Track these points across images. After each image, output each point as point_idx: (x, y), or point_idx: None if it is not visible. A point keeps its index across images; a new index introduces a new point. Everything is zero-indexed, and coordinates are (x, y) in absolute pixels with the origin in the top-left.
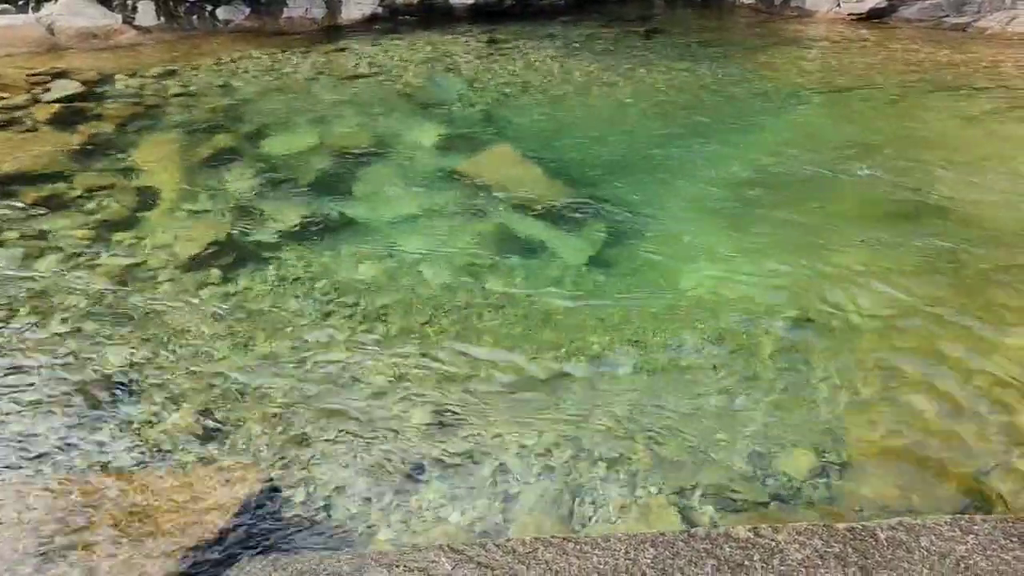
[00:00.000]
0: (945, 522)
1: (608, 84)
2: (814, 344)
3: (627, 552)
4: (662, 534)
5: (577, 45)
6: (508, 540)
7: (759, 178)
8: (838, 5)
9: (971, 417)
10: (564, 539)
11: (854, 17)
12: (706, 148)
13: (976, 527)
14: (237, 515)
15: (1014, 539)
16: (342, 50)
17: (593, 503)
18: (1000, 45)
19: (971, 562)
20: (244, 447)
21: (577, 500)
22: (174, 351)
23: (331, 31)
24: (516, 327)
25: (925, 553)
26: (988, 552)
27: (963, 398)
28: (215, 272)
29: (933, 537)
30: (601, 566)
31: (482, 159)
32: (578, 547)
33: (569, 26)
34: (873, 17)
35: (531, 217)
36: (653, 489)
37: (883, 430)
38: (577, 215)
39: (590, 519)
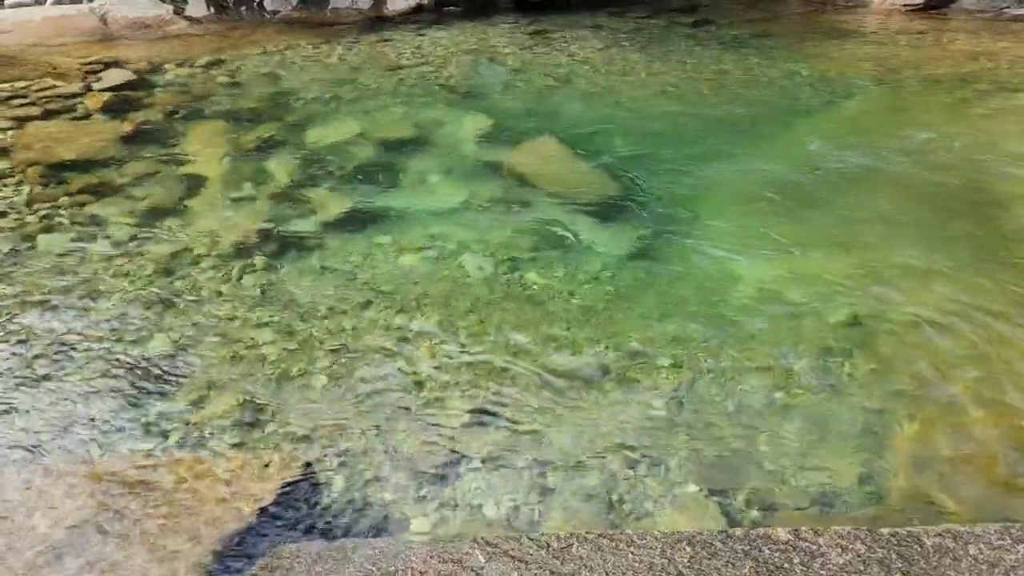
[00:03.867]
0: (994, 530)
1: (654, 76)
2: (866, 343)
3: (663, 551)
4: (699, 533)
5: (623, 36)
6: (543, 535)
7: (808, 172)
8: None
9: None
10: (599, 535)
11: (910, 8)
12: (754, 141)
13: None
14: (275, 501)
15: None
16: (387, 41)
17: (630, 499)
18: None
19: (1021, 572)
20: (284, 434)
21: (614, 496)
22: (217, 337)
23: (376, 22)
24: (556, 321)
25: (973, 562)
26: None
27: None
28: (259, 259)
29: (982, 546)
30: (637, 564)
31: (525, 151)
32: (614, 544)
33: (615, 17)
34: (930, 8)
35: (573, 210)
36: (692, 487)
37: (935, 433)
38: (620, 208)
39: (626, 516)
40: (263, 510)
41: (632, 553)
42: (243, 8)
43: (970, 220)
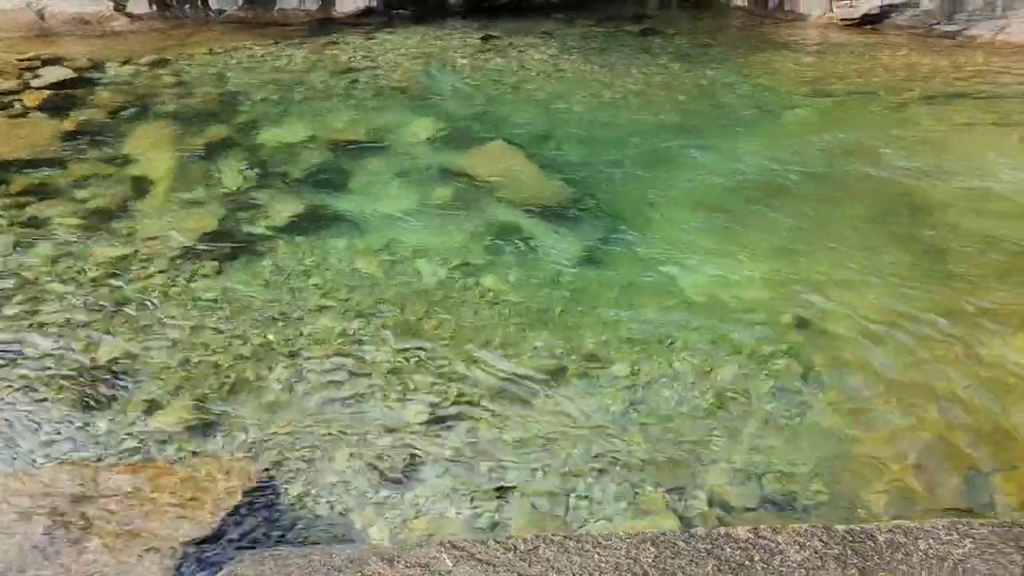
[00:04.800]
0: (943, 525)
1: (602, 83)
2: (810, 345)
3: (628, 551)
4: (663, 533)
5: (572, 43)
6: (509, 538)
7: (752, 179)
8: (831, 10)
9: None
10: (565, 537)
11: (847, 22)
12: (700, 149)
13: (973, 531)
14: (233, 509)
15: (1010, 543)
16: (336, 43)
17: (589, 501)
18: (989, 54)
19: (968, 566)
20: (239, 440)
21: (574, 498)
22: (167, 342)
23: (325, 23)
24: (511, 324)
25: (923, 556)
26: (985, 556)
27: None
28: (209, 263)
29: (931, 540)
30: (603, 564)
31: (477, 155)
32: (579, 545)
33: (564, 24)
34: (866, 23)
35: (526, 214)
36: (649, 488)
37: (882, 433)
38: (572, 213)
39: (588, 518)
40: (224, 518)
41: (598, 554)
42: (187, 6)
43: (903, 227)
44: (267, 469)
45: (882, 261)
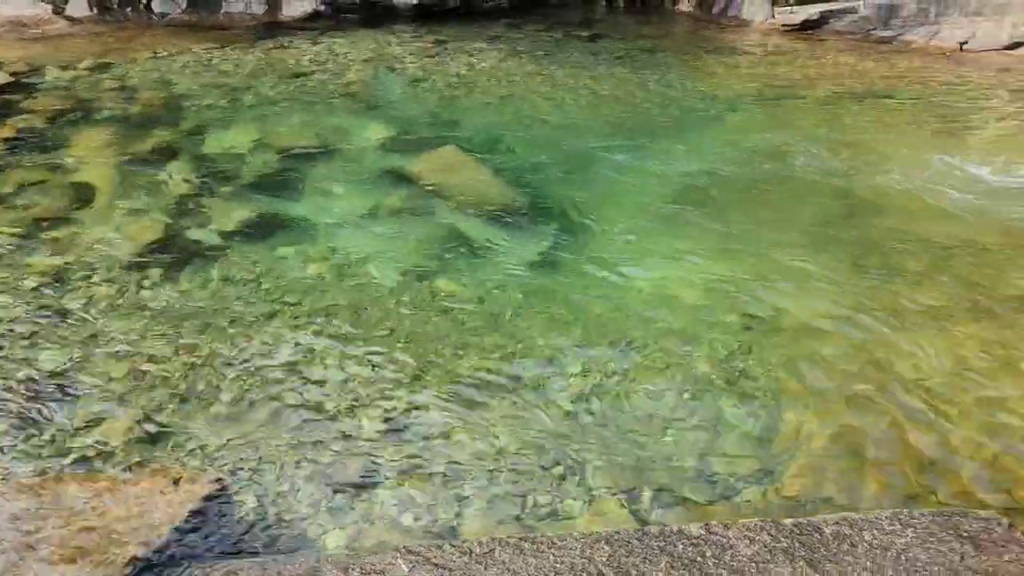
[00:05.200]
0: (886, 516)
1: (551, 87)
2: (756, 342)
3: (583, 551)
4: (617, 532)
5: (521, 48)
6: (465, 541)
7: (698, 181)
8: (773, 16)
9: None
10: (520, 539)
11: (788, 28)
12: (647, 152)
13: (915, 521)
14: (185, 520)
15: (949, 531)
16: (284, 47)
17: (545, 503)
18: (921, 58)
19: (911, 555)
20: (190, 451)
21: (529, 500)
22: (112, 353)
23: (271, 27)
24: (464, 328)
25: (868, 547)
26: (926, 544)
27: (904, 397)
28: (155, 272)
29: (875, 531)
30: (558, 565)
31: (428, 159)
32: (534, 546)
33: (512, 28)
34: (806, 28)
35: (477, 218)
36: (603, 489)
37: (824, 427)
38: (522, 217)
39: (543, 519)
40: (175, 530)
41: (553, 554)
42: (128, 9)
43: (831, 228)
44: (219, 479)
45: (816, 261)
